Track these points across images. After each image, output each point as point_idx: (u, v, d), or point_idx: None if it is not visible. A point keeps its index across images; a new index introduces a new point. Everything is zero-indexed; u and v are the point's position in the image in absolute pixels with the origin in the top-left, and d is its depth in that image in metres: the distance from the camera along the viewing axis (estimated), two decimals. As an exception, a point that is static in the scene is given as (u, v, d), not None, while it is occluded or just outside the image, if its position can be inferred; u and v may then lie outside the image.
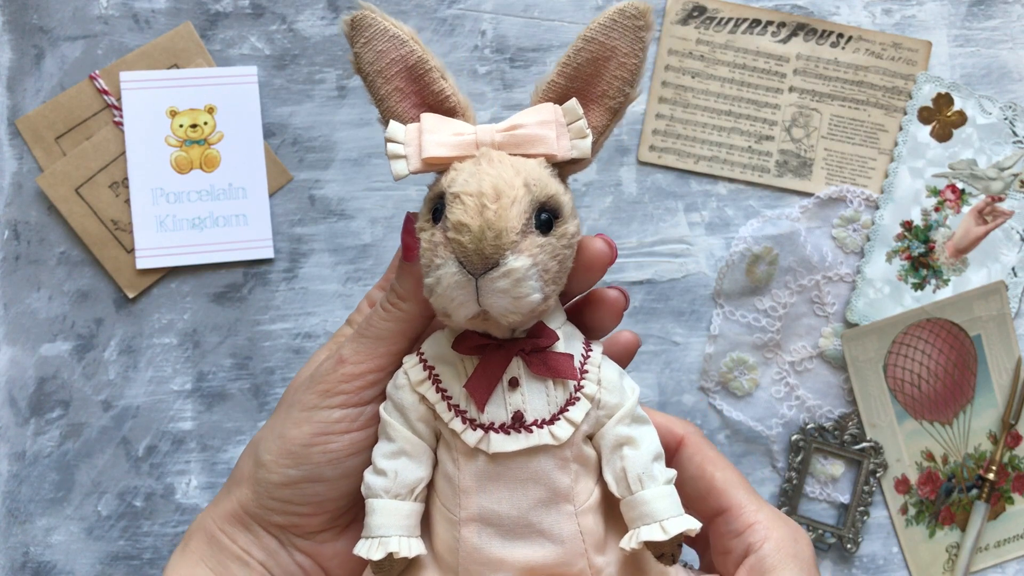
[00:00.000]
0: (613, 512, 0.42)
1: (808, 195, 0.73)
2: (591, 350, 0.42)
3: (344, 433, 0.43)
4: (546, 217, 0.38)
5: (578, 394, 0.41)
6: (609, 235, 0.53)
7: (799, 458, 0.71)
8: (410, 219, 0.41)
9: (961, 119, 0.73)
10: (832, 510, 0.73)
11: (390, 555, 0.40)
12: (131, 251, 0.71)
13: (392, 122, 0.40)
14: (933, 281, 0.72)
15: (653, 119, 0.73)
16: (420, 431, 0.41)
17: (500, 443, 0.39)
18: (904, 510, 0.72)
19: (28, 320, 0.71)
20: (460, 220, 0.37)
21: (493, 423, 0.40)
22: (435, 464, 0.42)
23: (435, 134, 0.40)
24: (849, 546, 0.71)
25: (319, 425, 0.42)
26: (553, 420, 0.40)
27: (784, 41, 0.73)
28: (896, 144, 0.73)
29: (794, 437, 0.72)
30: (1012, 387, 0.72)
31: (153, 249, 0.71)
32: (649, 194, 0.73)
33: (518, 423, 0.40)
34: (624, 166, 0.73)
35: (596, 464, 0.42)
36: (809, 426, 0.72)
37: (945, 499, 0.72)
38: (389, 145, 0.40)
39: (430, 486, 0.42)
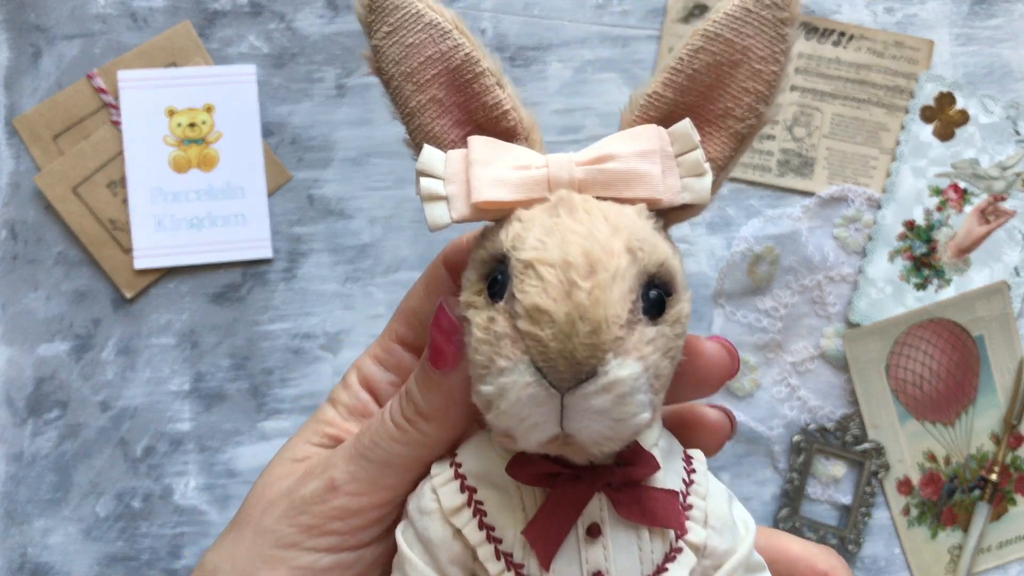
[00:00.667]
0: None
1: (810, 194, 0.73)
2: (694, 470, 0.31)
3: None
4: (656, 295, 0.27)
5: (680, 543, 0.29)
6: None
7: (800, 459, 0.71)
8: (444, 312, 0.30)
9: (963, 118, 0.73)
10: (834, 511, 0.72)
11: None
12: (129, 251, 0.71)
13: (427, 148, 0.29)
14: (935, 281, 0.72)
15: (654, 118, 0.73)
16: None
17: None
18: (906, 511, 0.72)
19: (25, 320, 0.71)
20: (538, 305, 0.26)
21: None
22: None
23: (490, 167, 0.28)
24: (851, 547, 0.71)
25: (301, 572, 0.31)
26: None
27: (786, 40, 0.73)
28: (898, 143, 0.73)
29: (795, 438, 0.71)
30: (1014, 388, 0.72)
31: (151, 249, 0.70)
32: (650, 194, 0.73)
33: None
34: (625, 165, 0.73)
35: None
36: (811, 427, 0.71)
37: (947, 500, 0.72)
38: (424, 181, 0.28)
39: None
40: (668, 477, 0.30)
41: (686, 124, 0.29)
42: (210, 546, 0.34)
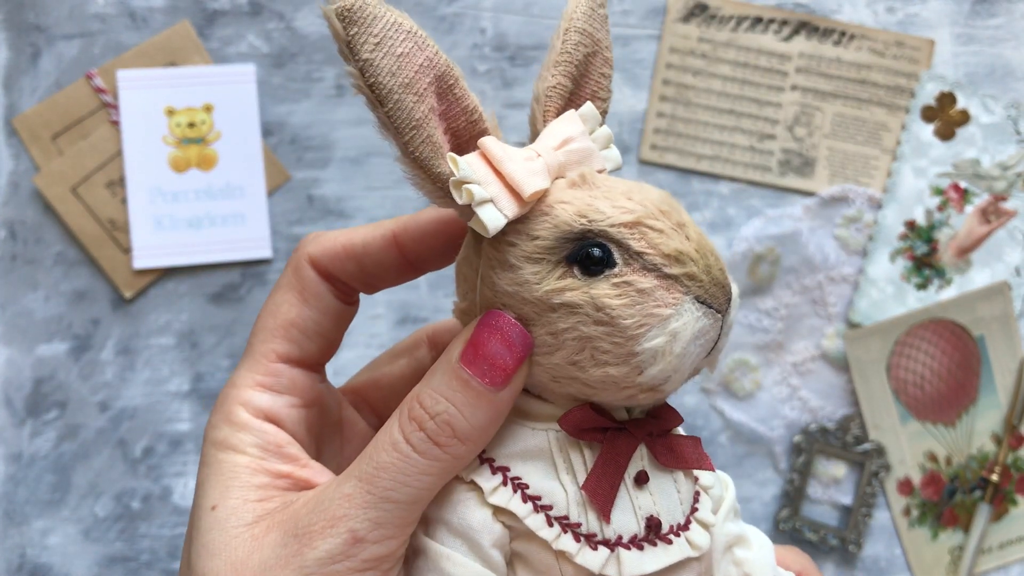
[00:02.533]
0: None
1: (811, 194, 0.73)
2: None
3: None
4: None
5: (697, 487, 0.32)
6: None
7: (801, 459, 0.71)
8: (511, 324, 0.29)
9: (964, 118, 0.73)
10: (835, 512, 0.72)
11: None
12: (128, 251, 0.70)
13: (460, 158, 0.29)
14: (936, 281, 0.72)
15: (654, 118, 0.73)
16: (495, 562, 0.29)
17: (637, 563, 0.29)
18: (907, 512, 0.72)
19: (24, 320, 0.70)
20: (678, 248, 0.28)
21: (621, 537, 0.29)
22: None
23: (514, 162, 0.29)
24: (852, 548, 0.71)
25: None
26: (687, 524, 0.30)
27: (786, 39, 0.73)
28: (899, 143, 0.73)
29: (796, 438, 0.71)
30: (1016, 388, 0.72)
31: (150, 249, 0.70)
32: (650, 193, 0.73)
33: (654, 533, 0.29)
34: (625, 165, 0.73)
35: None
36: (812, 427, 0.71)
37: (948, 501, 0.72)
38: (473, 188, 0.28)
39: None
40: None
41: (591, 106, 0.32)
42: None
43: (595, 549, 0.29)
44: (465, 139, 0.31)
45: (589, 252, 0.28)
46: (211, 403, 0.71)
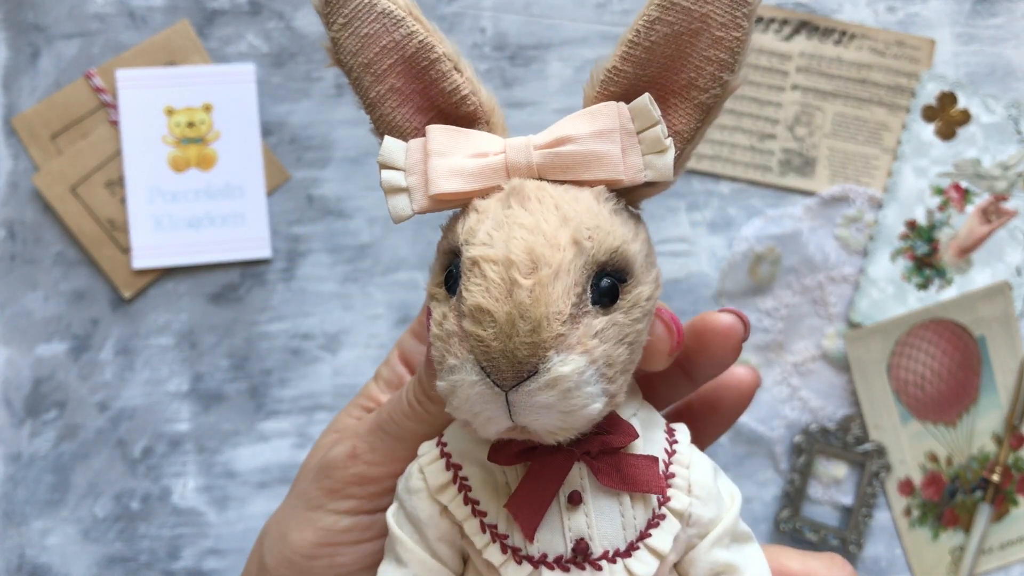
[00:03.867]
0: None
1: (811, 194, 0.73)
2: (676, 441, 0.31)
3: (354, 544, 0.34)
4: (608, 284, 0.27)
5: (663, 509, 0.29)
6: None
7: (802, 460, 0.71)
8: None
9: (965, 118, 0.72)
10: (835, 512, 0.72)
11: None
12: (127, 251, 0.70)
13: (387, 139, 0.29)
14: (937, 281, 0.72)
15: (654, 117, 0.72)
16: (441, 554, 0.30)
17: None
18: (908, 512, 0.72)
19: (23, 320, 0.70)
20: (480, 304, 0.26)
21: (546, 555, 0.28)
22: None
23: (446, 157, 0.28)
24: (852, 548, 0.71)
25: (323, 533, 0.34)
26: (630, 550, 0.29)
27: (787, 39, 0.72)
28: (900, 143, 0.72)
29: (797, 439, 0.71)
30: (1016, 388, 0.72)
31: (149, 249, 0.70)
32: (650, 193, 0.73)
33: (581, 556, 0.28)
34: (625, 165, 0.73)
35: None
36: (812, 427, 0.71)
37: (949, 501, 0.72)
38: (384, 174, 0.28)
39: None
40: (648, 446, 0.30)
41: (645, 99, 0.28)
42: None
43: (519, 564, 0.28)
44: (454, 119, 0.30)
45: (451, 268, 0.28)
46: (210, 403, 0.71)
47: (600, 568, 0.28)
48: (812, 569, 0.33)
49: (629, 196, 0.30)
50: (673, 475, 0.30)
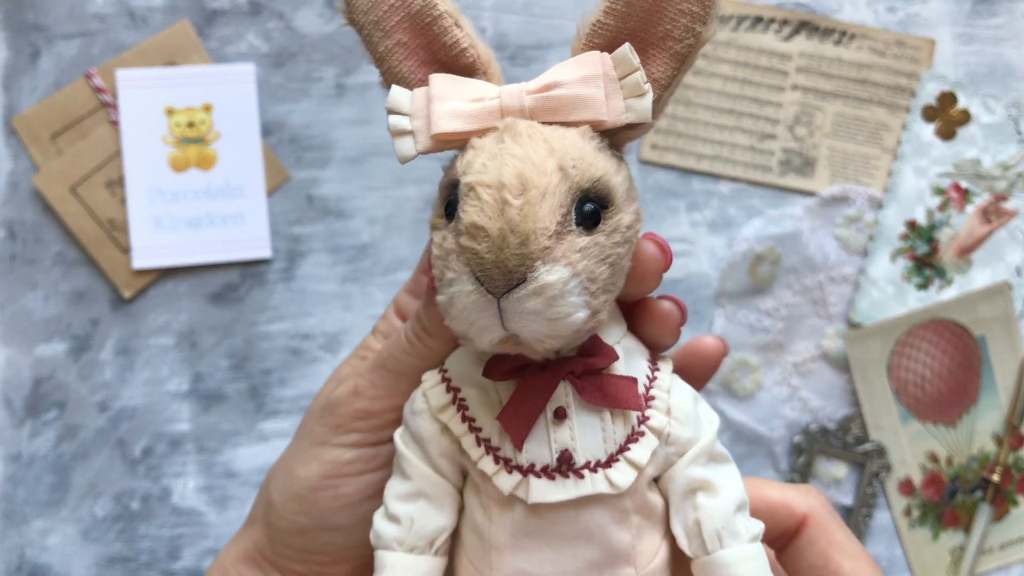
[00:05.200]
0: (682, 572, 0.34)
1: (811, 194, 0.73)
2: (658, 369, 0.34)
3: (357, 475, 0.37)
4: (591, 208, 0.30)
5: (642, 427, 0.32)
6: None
7: (802, 460, 0.71)
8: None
9: (965, 118, 0.72)
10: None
11: None
12: (127, 251, 0.70)
13: (394, 88, 0.32)
14: (937, 281, 0.72)
15: (654, 117, 0.72)
16: (442, 468, 0.33)
17: (542, 491, 0.31)
18: (908, 512, 0.72)
19: (24, 321, 0.70)
20: (474, 222, 0.29)
21: (534, 465, 0.32)
22: (461, 509, 0.34)
23: (447, 102, 0.31)
24: (852, 549, 0.71)
25: (328, 466, 0.37)
26: (610, 462, 0.32)
27: (787, 39, 0.73)
28: (900, 143, 0.72)
29: (797, 439, 0.71)
30: (1016, 388, 0.72)
31: (149, 249, 0.70)
32: (651, 193, 0.73)
33: (566, 466, 0.31)
34: (625, 165, 0.73)
35: (663, 515, 0.33)
36: (812, 427, 0.71)
37: (949, 501, 0.72)
38: (391, 118, 0.32)
39: (455, 536, 0.34)
40: (629, 371, 0.33)
41: (625, 48, 0.31)
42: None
43: (510, 473, 0.32)
44: (455, 70, 0.33)
45: (451, 198, 0.31)
46: (210, 403, 0.71)
47: (582, 476, 0.31)
48: (789, 497, 0.37)
49: (613, 138, 0.33)
50: (653, 397, 0.33)
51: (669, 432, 0.33)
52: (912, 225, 0.72)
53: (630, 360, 0.33)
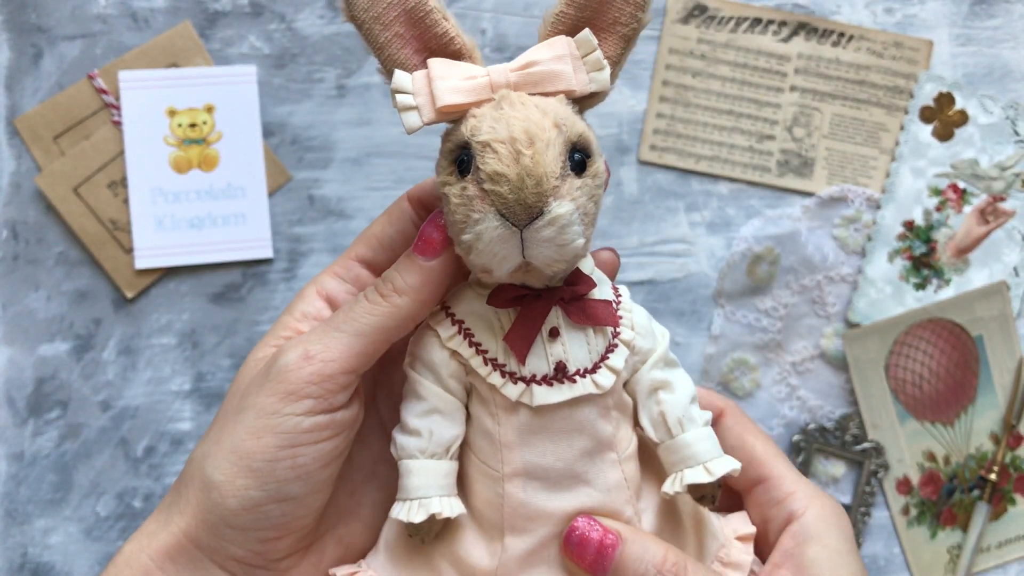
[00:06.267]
0: (645, 459, 0.42)
1: (809, 195, 0.73)
2: (620, 294, 0.42)
3: (315, 443, 0.38)
4: (579, 157, 0.37)
5: (616, 340, 0.40)
6: (609, 235, 0.52)
7: (800, 459, 0.71)
8: (440, 214, 0.39)
9: (963, 118, 0.73)
10: (833, 511, 0.72)
11: (431, 516, 0.39)
12: (130, 251, 0.71)
13: (397, 72, 0.38)
14: (935, 281, 0.72)
15: (654, 118, 0.73)
16: (452, 388, 0.40)
17: (543, 395, 0.39)
18: (906, 511, 0.72)
19: (26, 320, 0.71)
20: (496, 170, 0.35)
21: (535, 375, 0.39)
22: (468, 420, 0.41)
23: (447, 80, 0.38)
24: (850, 547, 0.71)
25: (284, 436, 0.37)
26: (595, 368, 0.39)
27: (785, 40, 0.73)
28: (898, 144, 0.73)
29: (795, 438, 0.72)
30: (1014, 388, 0.72)
31: (152, 249, 0.70)
32: (650, 194, 0.73)
33: (561, 374, 0.39)
34: (625, 166, 0.73)
35: (632, 411, 0.41)
36: (810, 427, 0.71)
37: (947, 500, 0.72)
38: (398, 96, 0.38)
39: (463, 443, 0.41)
40: (602, 295, 0.41)
41: (587, 32, 0.38)
42: (193, 448, 0.39)
43: (515, 384, 0.39)
44: (444, 56, 0.39)
45: (460, 158, 0.37)
46: (212, 402, 0.71)
47: (575, 381, 0.39)
48: (712, 394, 0.49)
49: (580, 104, 0.39)
50: (620, 316, 0.41)
51: (635, 344, 0.41)
52: (910, 225, 0.72)
53: (602, 288, 0.41)
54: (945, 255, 0.72)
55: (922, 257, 0.72)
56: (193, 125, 0.71)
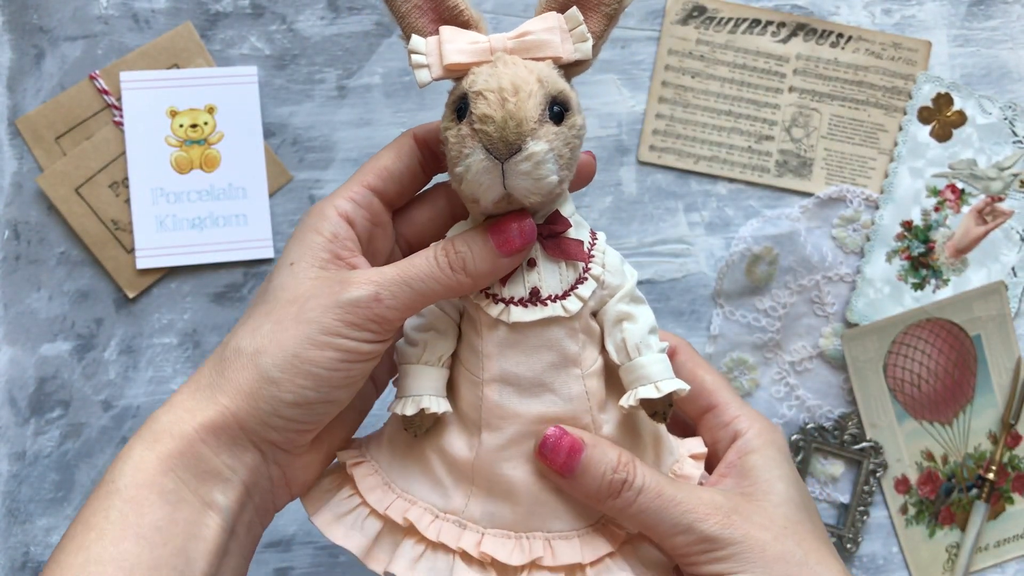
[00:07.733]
0: (612, 381, 0.48)
1: (808, 195, 0.73)
2: (596, 238, 0.48)
3: (365, 362, 0.45)
4: (558, 109, 0.43)
5: (586, 275, 0.46)
6: (609, 235, 0.53)
7: (799, 458, 0.71)
8: (531, 225, 0.45)
9: (961, 119, 0.73)
10: (832, 510, 0.73)
11: (421, 411, 0.46)
12: (131, 251, 0.71)
13: (414, 36, 0.45)
14: (933, 281, 0.72)
15: (653, 119, 0.73)
16: (447, 309, 0.47)
17: (519, 314, 0.45)
18: (904, 510, 0.72)
19: (28, 320, 0.71)
20: (484, 113, 0.41)
21: (513, 297, 0.45)
22: (459, 338, 0.48)
23: (454, 43, 0.44)
24: (849, 546, 0.71)
25: (347, 354, 0.44)
26: (565, 296, 0.46)
27: (784, 41, 0.73)
28: (896, 144, 0.73)
29: (794, 437, 0.72)
30: (1012, 387, 0.72)
31: (153, 249, 0.71)
32: (649, 194, 0.73)
33: (535, 297, 0.45)
34: (624, 166, 0.73)
35: (600, 337, 0.47)
36: (809, 426, 0.72)
37: (945, 499, 0.72)
38: (413, 56, 0.45)
39: (454, 356, 0.48)
40: (578, 236, 0.47)
41: (574, 9, 0.45)
42: (237, 332, 0.45)
43: (496, 304, 0.46)
44: (455, 25, 0.45)
45: (460, 107, 0.43)
46: (213, 402, 0.71)
47: (546, 304, 0.45)
48: (668, 335, 0.55)
49: (567, 71, 0.45)
50: (593, 256, 0.47)
51: (604, 279, 0.46)
52: (908, 226, 0.72)
53: (578, 229, 0.47)
54: (943, 255, 0.72)
55: (920, 257, 0.72)
56: (194, 126, 0.71)
